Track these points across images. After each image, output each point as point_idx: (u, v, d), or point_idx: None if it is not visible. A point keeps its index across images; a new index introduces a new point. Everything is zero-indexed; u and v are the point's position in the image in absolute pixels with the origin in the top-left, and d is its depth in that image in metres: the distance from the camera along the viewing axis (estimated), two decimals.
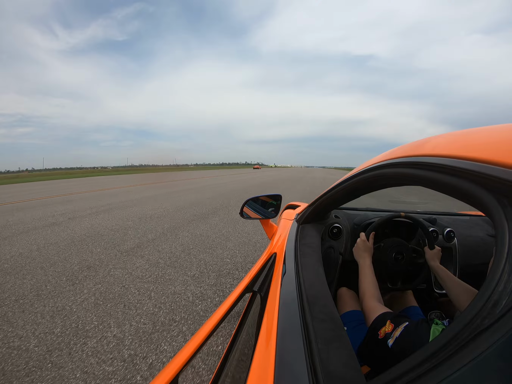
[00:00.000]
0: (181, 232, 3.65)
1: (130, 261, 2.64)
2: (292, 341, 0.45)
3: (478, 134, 0.41)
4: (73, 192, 9.23)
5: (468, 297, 0.67)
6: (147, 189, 9.96)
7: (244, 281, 0.78)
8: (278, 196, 1.43)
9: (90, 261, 2.65)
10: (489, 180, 0.32)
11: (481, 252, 1.13)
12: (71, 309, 1.81)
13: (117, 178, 19.42)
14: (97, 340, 1.49)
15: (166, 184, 12.46)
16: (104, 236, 3.52)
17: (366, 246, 0.87)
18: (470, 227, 1.22)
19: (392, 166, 0.52)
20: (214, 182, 13.56)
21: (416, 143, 0.51)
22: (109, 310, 1.79)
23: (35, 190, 10.57)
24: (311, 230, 0.94)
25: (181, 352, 0.53)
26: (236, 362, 0.53)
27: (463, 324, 0.26)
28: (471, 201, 0.36)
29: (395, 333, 0.47)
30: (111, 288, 2.09)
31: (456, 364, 0.24)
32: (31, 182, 18.32)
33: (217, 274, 2.33)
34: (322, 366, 0.37)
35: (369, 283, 0.73)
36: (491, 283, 0.26)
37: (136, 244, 3.17)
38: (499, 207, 0.30)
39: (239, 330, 0.63)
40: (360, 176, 0.64)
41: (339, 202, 0.86)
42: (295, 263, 0.72)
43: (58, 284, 2.17)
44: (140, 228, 3.88)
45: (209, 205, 5.81)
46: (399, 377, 0.27)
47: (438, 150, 0.42)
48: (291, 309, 0.53)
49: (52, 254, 2.86)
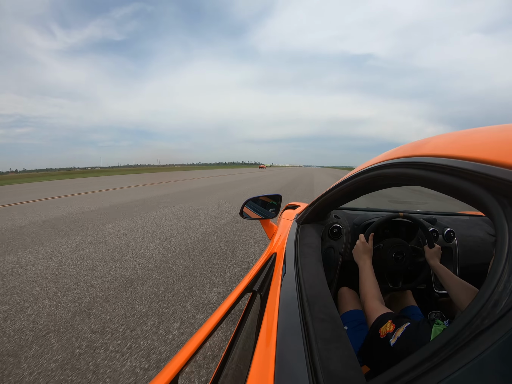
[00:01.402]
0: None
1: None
2: (292, 341, 0.45)
3: (478, 134, 0.41)
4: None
5: (468, 295, 0.67)
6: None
7: (244, 281, 0.78)
8: (278, 196, 1.43)
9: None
10: (489, 180, 0.32)
11: (481, 252, 1.13)
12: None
13: (87, 181, 16.48)
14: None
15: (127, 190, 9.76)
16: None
17: (366, 247, 0.87)
18: (470, 227, 1.22)
19: (392, 166, 0.52)
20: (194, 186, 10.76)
21: (416, 143, 0.52)
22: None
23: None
24: (311, 230, 0.94)
25: (181, 352, 0.53)
26: (236, 362, 0.53)
27: (463, 324, 0.26)
28: (471, 201, 0.36)
29: (397, 333, 0.47)
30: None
31: (456, 364, 0.24)
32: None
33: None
34: (322, 366, 0.37)
35: (370, 284, 0.73)
36: (491, 283, 0.26)
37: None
38: (499, 207, 0.30)
39: (239, 330, 0.63)
40: (360, 176, 0.64)
41: (339, 202, 0.86)
42: (295, 263, 0.72)
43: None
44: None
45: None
46: (399, 376, 0.28)
47: (439, 150, 0.42)
48: (291, 309, 0.53)
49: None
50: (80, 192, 9.37)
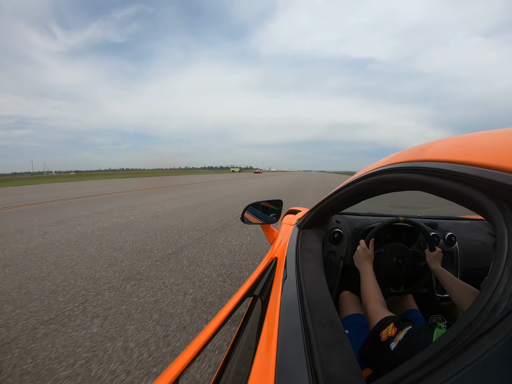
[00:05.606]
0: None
1: None
2: (293, 346, 0.44)
3: (478, 139, 0.41)
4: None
5: (470, 297, 0.66)
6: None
7: (245, 286, 0.78)
8: (279, 202, 1.44)
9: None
10: (489, 185, 0.32)
11: (482, 256, 1.12)
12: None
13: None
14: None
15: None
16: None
17: (367, 253, 0.87)
18: (471, 231, 1.21)
19: (393, 171, 0.52)
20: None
21: (417, 148, 0.52)
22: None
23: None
24: (312, 235, 0.94)
25: (182, 355, 0.53)
26: (237, 367, 0.53)
27: (463, 327, 0.26)
28: (471, 206, 0.36)
29: (398, 337, 0.47)
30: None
31: (456, 367, 0.24)
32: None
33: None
34: (323, 370, 0.37)
35: (372, 288, 0.73)
36: (491, 286, 0.27)
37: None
38: (498, 212, 0.30)
39: (239, 335, 0.63)
40: (361, 181, 0.64)
41: (340, 207, 0.86)
42: (296, 268, 0.72)
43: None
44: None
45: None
46: (400, 380, 0.27)
47: (439, 155, 0.43)
48: (292, 314, 0.53)
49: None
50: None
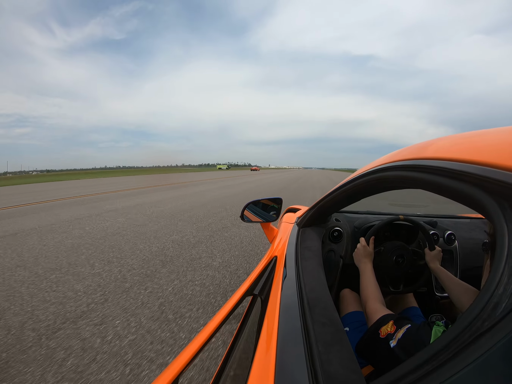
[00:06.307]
0: None
1: None
2: (293, 345, 0.44)
3: (478, 137, 0.41)
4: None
5: (469, 297, 0.66)
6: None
7: (244, 285, 0.78)
8: (278, 200, 1.43)
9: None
10: (489, 183, 0.32)
11: (482, 254, 1.12)
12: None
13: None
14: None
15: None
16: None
17: (367, 251, 0.87)
18: (471, 229, 1.21)
19: (393, 169, 0.52)
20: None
21: (417, 146, 0.52)
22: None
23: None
24: (311, 234, 0.94)
25: (182, 354, 0.53)
26: (236, 366, 0.53)
27: (463, 326, 0.26)
28: (471, 204, 0.36)
29: (398, 335, 0.47)
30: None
31: (456, 366, 0.24)
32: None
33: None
34: (322, 369, 0.37)
35: (372, 287, 0.73)
36: (491, 285, 0.26)
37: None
38: (499, 210, 0.30)
39: (239, 334, 0.63)
40: (361, 179, 0.64)
41: (339, 206, 0.86)
42: (296, 266, 0.72)
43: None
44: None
45: None
46: (399, 379, 0.27)
47: (439, 153, 0.42)
48: (292, 313, 0.53)
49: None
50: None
